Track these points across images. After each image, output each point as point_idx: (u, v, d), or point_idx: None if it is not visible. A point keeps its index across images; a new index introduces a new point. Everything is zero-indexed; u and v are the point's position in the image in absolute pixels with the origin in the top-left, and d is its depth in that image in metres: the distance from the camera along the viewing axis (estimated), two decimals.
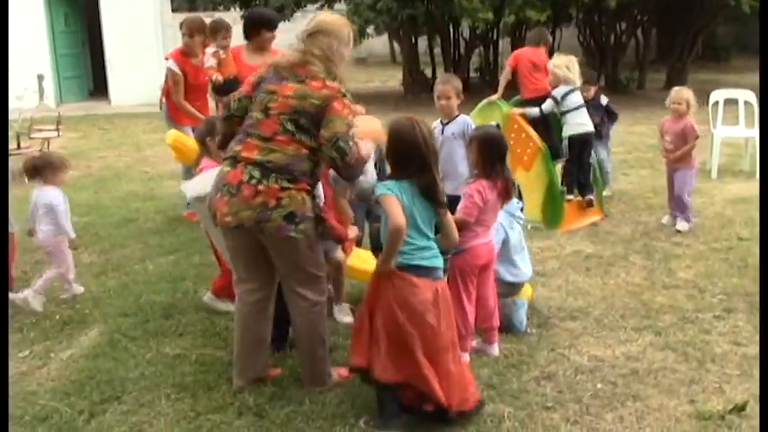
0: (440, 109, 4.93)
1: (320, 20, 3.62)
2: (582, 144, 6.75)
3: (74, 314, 4.74)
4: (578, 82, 6.80)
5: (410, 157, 3.33)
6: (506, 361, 4.01)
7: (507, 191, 3.98)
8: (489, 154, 3.96)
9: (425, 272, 3.34)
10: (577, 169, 6.76)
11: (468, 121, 4.90)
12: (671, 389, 3.70)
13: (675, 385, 3.73)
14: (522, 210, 4.60)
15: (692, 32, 15.95)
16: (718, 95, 8.66)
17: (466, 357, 4.00)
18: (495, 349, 4.11)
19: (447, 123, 4.91)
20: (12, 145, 8.38)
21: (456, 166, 4.74)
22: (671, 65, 16.63)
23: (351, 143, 3.40)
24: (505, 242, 4.39)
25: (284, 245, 3.47)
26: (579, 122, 6.72)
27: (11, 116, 9.11)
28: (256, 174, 3.36)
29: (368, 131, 3.87)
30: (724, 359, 4.00)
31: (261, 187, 3.35)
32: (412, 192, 3.31)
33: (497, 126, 4.91)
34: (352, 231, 4.35)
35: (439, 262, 3.42)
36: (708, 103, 8.66)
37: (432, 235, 3.42)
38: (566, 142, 6.81)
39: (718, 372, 3.86)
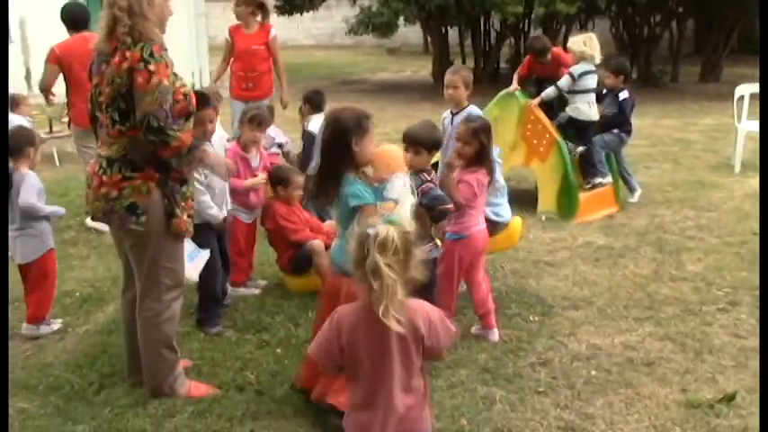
0: (448, 98, 5.01)
1: None
2: (583, 129, 6.79)
3: (93, 292, 4.94)
4: (597, 57, 6.74)
5: None
6: (505, 346, 4.09)
7: (492, 171, 4.09)
8: (489, 144, 4.06)
9: None
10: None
11: (477, 112, 4.96)
12: (664, 378, 3.75)
13: (669, 374, 3.78)
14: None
15: (727, 25, 15.70)
16: (743, 90, 8.54)
17: None
18: (495, 334, 4.18)
19: (456, 113, 4.99)
20: (45, 129, 8.67)
21: None
22: (706, 58, 16.40)
23: (166, 120, 3.08)
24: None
25: (129, 238, 3.36)
26: (583, 108, 6.73)
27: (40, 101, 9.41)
28: (104, 164, 3.26)
29: (391, 164, 3.36)
30: (721, 350, 4.03)
31: (104, 178, 3.24)
32: None
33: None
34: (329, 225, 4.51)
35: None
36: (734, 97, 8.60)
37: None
38: (566, 114, 6.82)
39: (714, 363, 3.90)
